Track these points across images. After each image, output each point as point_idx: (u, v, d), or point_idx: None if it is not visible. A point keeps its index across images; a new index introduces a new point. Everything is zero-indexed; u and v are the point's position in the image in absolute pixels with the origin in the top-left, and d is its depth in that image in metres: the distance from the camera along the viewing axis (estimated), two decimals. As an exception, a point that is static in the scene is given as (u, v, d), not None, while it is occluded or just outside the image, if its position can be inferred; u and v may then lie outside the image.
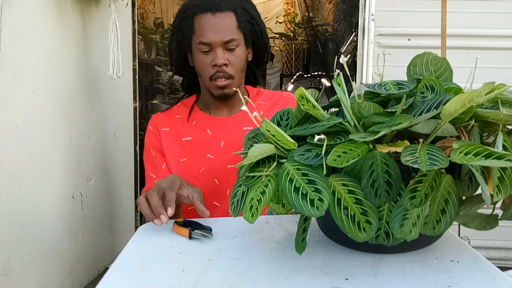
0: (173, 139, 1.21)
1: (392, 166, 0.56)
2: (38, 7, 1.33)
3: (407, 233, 0.54)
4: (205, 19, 1.14)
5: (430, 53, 0.70)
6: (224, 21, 1.15)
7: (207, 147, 1.18)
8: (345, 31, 3.67)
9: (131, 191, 2.17)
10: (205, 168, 1.16)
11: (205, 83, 1.18)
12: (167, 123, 1.23)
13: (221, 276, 0.60)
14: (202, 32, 1.14)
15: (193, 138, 1.20)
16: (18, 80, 1.23)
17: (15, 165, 1.23)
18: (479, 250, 0.70)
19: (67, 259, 1.53)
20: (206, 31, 1.13)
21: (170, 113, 1.27)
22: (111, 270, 0.64)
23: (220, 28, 1.14)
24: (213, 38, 1.13)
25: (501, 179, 0.54)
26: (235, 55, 1.15)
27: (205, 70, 1.15)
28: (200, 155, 1.18)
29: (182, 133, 1.21)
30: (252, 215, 0.58)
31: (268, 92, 1.31)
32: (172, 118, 1.25)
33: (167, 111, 1.28)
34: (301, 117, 0.68)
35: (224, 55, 1.13)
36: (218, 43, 1.13)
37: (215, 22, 1.14)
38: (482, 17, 2.14)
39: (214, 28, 1.13)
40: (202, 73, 1.16)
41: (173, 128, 1.22)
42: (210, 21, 1.14)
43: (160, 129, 1.22)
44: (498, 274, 0.59)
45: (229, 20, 1.15)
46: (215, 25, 1.14)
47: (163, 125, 1.23)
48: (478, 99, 0.54)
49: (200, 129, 1.21)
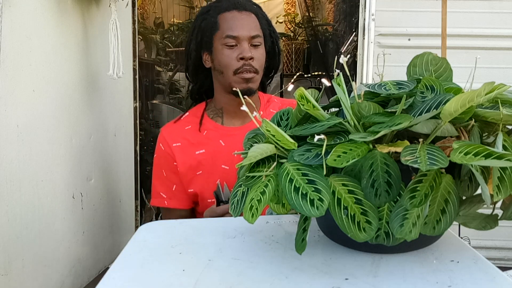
0: (186, 154, 1.20)
1: (392, 166, 0.56)
2: (38, 7, 1.33)
3: (407, 233, 0.54)
4: (232, 15, 1.18)
5: (430, 53, 0.70)
6: (250, 18, 1.19)
7: (221, 158, 1.18)
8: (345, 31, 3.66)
9: (131, 191, 2.17)
10: (221, 179, 1.16)
11: (228, 79, 1.17)
12: (178, 137, 1.23)
13: (221, 276, 0.60)
14: (229, 27, 1.17)
15: (207, 151, 1.19)
16: (18, 80, 1.23)
17: (15, 165, 1.23)
18: (479, 250, 0.70)
19: (67, 259, 1.53)
20: (234, 25, 1.16)
21: (179, 125, 1.26)
22: (111, 270, 0.64)
23: (248, 23, 1.18)
24: (241, 32, 1.16)
25: (501, 179, 0.54)
26: (259, 52, 1.18)
27: (230, 63, 1.16)
28: (215, 167, 1.18)
29: (194, 146, 1.20)
30: (252, 215, 0.58)
31: (279, 100, 1.30)
32: (181, 130, 1.23)
33: (175, 123, 1.27)
34: (301, 117, 0.68)
35: (251, 49, 1.16)
36: (245, 37, 1.15)
37: (242, 17, 1.18)
38: (482, 17, 2.14)
39: (242, 23, 1.17)
40: (226, 68, 1.16)
41: (185, 142, 1.21)
42: (237, 16, 1.18)
43: (172, 145, 1.22)
44: (498, 274, 0.59)
45: (253, 19, 1.20)
46: (243, 19, 1.18)
47: (174, 140, 1.22)
48: (478, 99, 0.54)
49: (213, 140, 1.20)
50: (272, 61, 1.28)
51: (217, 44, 1.18)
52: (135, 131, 2.18)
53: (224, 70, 1.17)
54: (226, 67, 1.16)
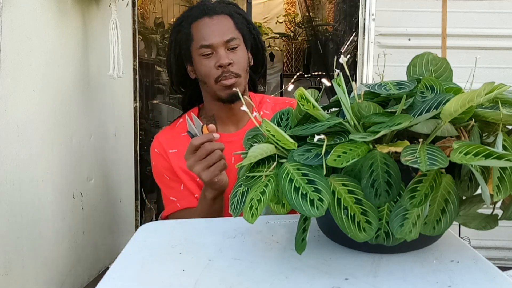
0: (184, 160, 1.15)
1: (392, 166, 0.56)
2: (39, 7, 1.33)
3: (407, 233, 0.54)
4: (203, 23, 1.14)
5: (430, 53, 0.70)
6: (222, 22, 1.14)
7: None
8: (346, 31, 3.67)
9: (131, 191, 2.17)
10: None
11: (211, 88, 1.15)
12: (174, 143, 1.20)
13: (221, 276, 0.60)
14: (202, 36, 1.13)
15: None
16: (18, 80, 1.23)
17: (15, 165, 1.23)
18: (479, 250, 0.70)
19: (67, 259, 1.53)
20: (206, 34, 1.12)
21: (174, 131, 1.23)
22: (111, 270, 0.64)
23: (219, 29, 1.13)
24: (214, 39, 1.12)
25: (501, 179, 0.54)
26: (238, 55, 1.14)
27: (209, 73, 1.13)
28: None
29: None
30: (252, 215, 0.58)
31: (271, 100, 1.28)
32: (177, 136, 1.21)
33: (170, 129, 1.24)
34: (301, 117, 0.68)
35: (228, 55, 1.12)
36: (220, 43, 1.12)
37: (213, 23, 1.13)
38: (482, 17, 2.14)
39: (213, 29, 1.13)
40: (207, 78, 1.14)
41: (181, 148, 1.17)
42: (208, 23, 1.13)
43: (168, 151, 1.19)
44: (498, 274, 0.59)
45: (226, 21, 1.15)
46: (214, 26, 1.13)
47: (169, 146, 1.20)
48: (478, 99, 0.54)
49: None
50: (257, 57, 1.25)
51: (195, 55, 1.15)
52: (135, 131, 2.18)
53: (206, 80, 1.15)
54: (207, 77, 1.14)
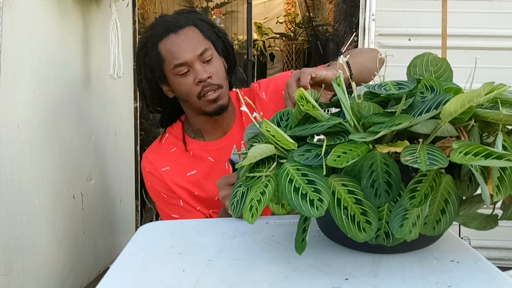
0: (178, 177, 1.15)
1: (392, 166, 0.56)
2: (39, 7, 1.33)
3: (407, 233, 0.54)
4: (170, 41, 1.08)
5: (430, 53, 0.70)
6: (190, 35, 1.09)
7: (215, 174, 1.12)
8: (346, 31, 3.66)
9: (131, 191, 2.18)
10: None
11: (195, 105, 1.11)
12: (164, 161, 1.17)
13: (221, 276, 0.60)
14: (173, 55, 1.07)
15: (198, 171, 1.15)
16: (19, 80, 1.23)
17: (16, 165, 1.23)
18: (479, 250, 0.70)
19: (67, 259, 1.53)
20: (177, 52, 1.07)
21: (162, 148, 1.19)
22: (112, 270, 0.64)
23: (189, 43, 1.07)
24: (187, 56, 1.06)
25: (500, 179, 0.54)
26: (214, 65, 1.09)
27: (190, 91, 1.08)
28: (210, 184, 1.12)
29: (185, 167, 1.16)
30: (252, 215, 0.58)
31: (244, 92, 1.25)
32: (167, 153, 1.18)
33: (158, 147, 1.21)
34: (301, 118, 0.68)
35: (204, 68, 1.07)
36: (194, 58, 1.07)
37: (181, 39, 1.07)
38: (482, 17, 2.14)
39: (183, 46, 1.07)
40: (188, 96, 1.10)
41: (174, 165, 1.16)
42: (176, 40, 1.07)
43: (160, 169, 1.16)
44: (498, 274, 0.59)
45: (194, 33, 1.09)
46: (183, 41, 1.07)
47: (161, 164, 1.16)
48: (478, 99, 0.54)
49: (202, 160, 1.16)
50: (229, 59, 1.20)
51: (170, 76, 1.09)
52: (135, 131, 2.18)
53: (188, 97, 1.10)
54: (188, 95, 1.09)
